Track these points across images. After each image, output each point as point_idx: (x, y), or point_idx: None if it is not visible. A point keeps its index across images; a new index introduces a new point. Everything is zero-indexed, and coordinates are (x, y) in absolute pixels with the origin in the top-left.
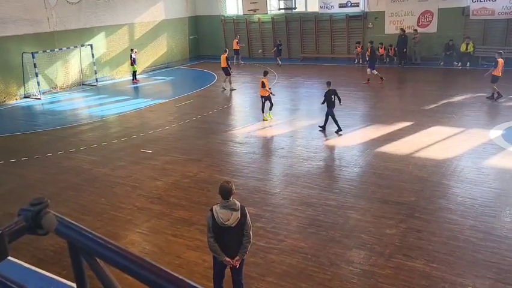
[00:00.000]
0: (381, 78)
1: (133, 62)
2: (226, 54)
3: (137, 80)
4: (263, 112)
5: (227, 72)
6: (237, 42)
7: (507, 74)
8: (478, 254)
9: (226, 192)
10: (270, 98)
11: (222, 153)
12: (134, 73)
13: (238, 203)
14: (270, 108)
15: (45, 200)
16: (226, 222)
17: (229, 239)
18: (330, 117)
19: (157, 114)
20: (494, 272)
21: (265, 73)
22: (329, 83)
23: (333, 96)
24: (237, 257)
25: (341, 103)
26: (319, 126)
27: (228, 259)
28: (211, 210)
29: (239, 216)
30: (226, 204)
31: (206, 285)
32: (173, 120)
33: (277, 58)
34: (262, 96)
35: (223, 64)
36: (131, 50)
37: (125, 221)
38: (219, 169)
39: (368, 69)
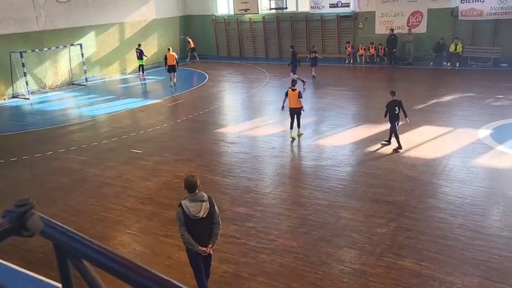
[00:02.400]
0: (303, 81)
1: (142, 56)
2: (171, 52)
3: (143, 74)
4: (299, 128)
5: (174, 69)
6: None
7: (494, 74)
8: (466, 252)
9: (191, 186)
10: (301, 112)
11: (213, 153)
12: (141, 67)
13: (205, 194)
14: (299, 126)
15: (31, 201)
16: (198, 214)
17: (201, 230)
18: (392, 132)
19: (148, 114)
20: (482, 270)
21: (295, 82)
22: (392, 93)
23: (397, 108)
24: (210, 245)
25: (407, 118)
26: (385, 141)
27: (202, 248)
28: (180, 205)
29: (208, 206)
30: (195, 197)
31: (196, 286)
32: (164, 120)
33: (313, 69)
34: (294, 109)
35: (172, 62)
36: (139, 45)
37: (115, 222)
38: (210, 169)
39: (291, 74)
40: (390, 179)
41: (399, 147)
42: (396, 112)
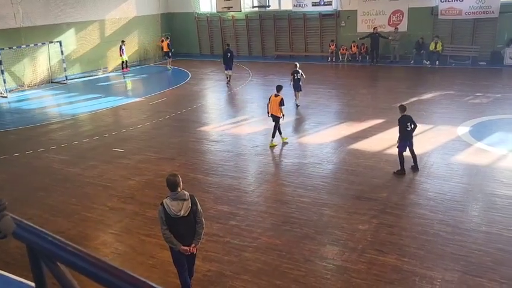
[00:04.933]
0: (229, 79)
1: (122, 53)
2: (168, 41)
3: (127, 69)
4: (273, 137)
5: (168, 54)
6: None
7: (473, 72)
8: (446, 248)
9: (172, 185)
10: (278, 120)
11: (196, 152)
12: (123, 63)
13: (187, 193)
14: (280, 133)
15: (3, 201)
16: (179, 213)
17: (183, 229)
18: (408, 149)
19: (130, 113)
20: (462, 264)
21: (280, 88)
22: (402, 108)
23: (408, 125)
24: (193, 244)
25: (415, 130)
26: (412, 167)
27: (184, 247)
28: (162, 204)
29: (190, 205)
30: (176, 196)
31: (180, 285)
32: (146, 118)
33: (296, 95)
34: (273, 116)
35: (166, 49)
36: (122, 41)
37: (97, 222)
38: (193, 168)
39: (226, 71)
40: (372, 176)
41: (402, 171)
42: (409, 129)
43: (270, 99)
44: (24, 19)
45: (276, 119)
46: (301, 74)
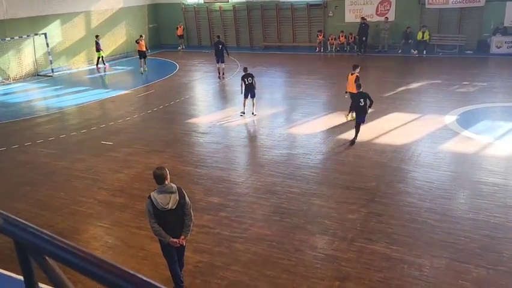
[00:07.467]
0: (223, 73)
1: (98, 48)
2: (143, 40)
3: (107, 66)
4: (350, 111)
5: (144, 55)
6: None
7: (460, 61)
8: (434, 235)
9: (159, 178)
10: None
11: (185, 144)
12: (101, 58)
13: (174, 186)
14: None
15: None
16: (166, 206)
17: (172, 221)
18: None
19: (118, 105)
20: (449, 251)
21: (356, 67)
22: (358, 86)
23: (362, 100)
24: (182, 236)
25: (370, 108)
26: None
27: (173, 240)
28: (149, 197)
29: (177, 198)
30: (163, 189)
31: (170, 276)
32: (134, 110)
33: (250, 101)
34: (351, 93)
35: (142, 48)
36: (96, 36)
37: (86, 215)
38: (182, 160)
39: (218, 64)
40: (360, 165)
41: (353, 141)
42: (362, 104)
43: (358, 78)
44: (8, 11)
45: (353, 96)
46: (253, 79)
